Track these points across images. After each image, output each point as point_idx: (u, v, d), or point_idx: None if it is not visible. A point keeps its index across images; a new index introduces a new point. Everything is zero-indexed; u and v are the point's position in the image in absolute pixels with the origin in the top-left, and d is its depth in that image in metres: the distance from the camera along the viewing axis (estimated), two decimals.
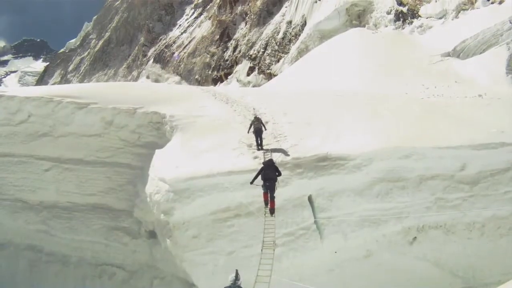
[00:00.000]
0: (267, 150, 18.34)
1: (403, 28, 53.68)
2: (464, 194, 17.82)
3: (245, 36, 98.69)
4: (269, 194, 15.14)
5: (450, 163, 18.09)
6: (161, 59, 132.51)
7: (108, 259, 24.06)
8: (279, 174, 15.37)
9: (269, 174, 15.03)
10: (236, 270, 9.36)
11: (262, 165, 15.59)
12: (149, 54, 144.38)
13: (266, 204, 15.36)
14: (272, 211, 15.12)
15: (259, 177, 15.22)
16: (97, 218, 24.13)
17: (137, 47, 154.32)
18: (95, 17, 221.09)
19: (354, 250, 16.77)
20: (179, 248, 16.13)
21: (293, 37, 78.37)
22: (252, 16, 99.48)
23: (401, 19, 55.05)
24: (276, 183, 15.20)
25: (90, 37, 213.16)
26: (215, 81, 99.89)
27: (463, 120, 21.77)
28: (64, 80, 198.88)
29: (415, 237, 17.44)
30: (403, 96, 29.48)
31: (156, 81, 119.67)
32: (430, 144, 18.41)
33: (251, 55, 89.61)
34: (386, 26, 56.20)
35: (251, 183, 15.27)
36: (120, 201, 23.74)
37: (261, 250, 13.32)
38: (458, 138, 18.74)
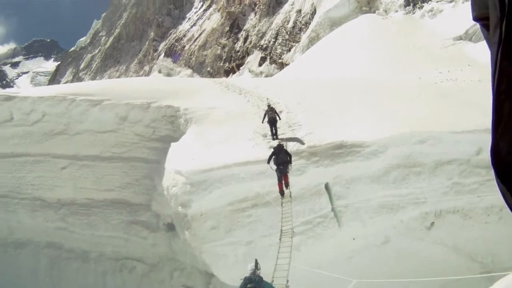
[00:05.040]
0: (282, 139, 18.37)
1: (414, 13, 53.14)
2: (481, 179, 17.67)
3: (255, 27, 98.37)
4: (283, 177, 15.42)
5: (466, 148, 17.94)
6: (172, 53, 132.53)
7: (128, 253, 24.26)
8: (291, 157, 15.58)
9: (282, 158, 15.28)
10: (256, 260, 9.37)
11: (273, 150, 15.73)
12: (159, 48, 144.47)
13: (281, 194, 15.50)
14: (286, 185, 15.46)
15: (273, 162, 15.42)
16: (115, 213, 24.30)
17: (147, 42, 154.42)
18: (103, 14, 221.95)
19: (372, 237, 16.79)
20: (198, 239, 16.26)
21: (303, 26, 77.94)
22: (261, 6, 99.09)
23: (411, 4, 54.49)
24: (289, 165, 15.41)
25: (100, 34, 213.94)
26: (227, 72, 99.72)
27: (478, 104, 21.51)
28: (76, 78, 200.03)
29: (433, 222, 17.38)
30: (417, 81, 29.26)
31: (168, 75, 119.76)
32: (446, 129, 18.28)
33: (262, 45, 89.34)
34: (396, 12, 55.68)
35: (268, 162, 15.46)
36: (137, 196, 23.89)
37: (280, 239, 13.37)
38: (473, 122, 18.56)
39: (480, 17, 1.42)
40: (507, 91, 1.29)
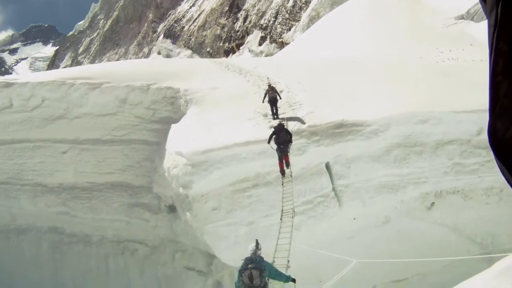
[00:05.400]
0: (282, 119, 18.34)
1: None
2: (481, 159, 17.60)
3: (254, 6, 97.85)
4: (283, 156, 15.49)
5: (467, 128, 17.84)
6: (172, 34, 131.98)
7: (129, 236, 24.40)
8: (291, 136, 15.63)
9: (282, 137, 15.31)
10: (256, 240, 9.37)
11: (273, 129, 15.72)
12: (158, 30, 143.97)
13: (282, 174, 15.52)
14: (287, 165, 15.54)
15: (273, 141, 15.45)
16: (116, 196, 24.38)
17: (146, 24, 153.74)
18: None
19: (373, 217, 16.80)
20: (199, 220, 16.31)
21: (303, 5, 77.63)
22: None
23: None
24: (289, 145, 15.46)
25: (98, 17, 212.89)
26: (227, 52, 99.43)
27: (479, 84, 21.19)
28: (75, 62, 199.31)
29: (433, 203, 17.37)
30: (418, 60, 29.09)
31: (168, 56, 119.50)
32: (447, 109, 18.19)
33: (262, 25, 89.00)
34: None
35: (268, 142, 15.50)
36: (138, 178, 23.95)
37: (280, 219, 13.39)
38: (475, 102, 18.43)
39: None
40: (504, 72, 1.29)
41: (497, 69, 1.29)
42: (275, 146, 15.42)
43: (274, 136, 15.42)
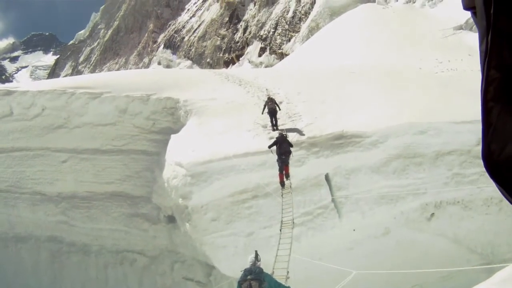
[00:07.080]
0: (282, 130, 18.38)
1: (414, 2, 53.02)
2: (481, 169, 17.50)
3: (254, 17, 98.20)
4: (284, 167, 15.57)
5: (466, 138, 17.85)
6: (172, 45, 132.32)
7: (128, 246, 24.33)
8: (292, 147, 15.78)
9: (284, 148, 15.43)
10: (256, 251, 9.34)
11: (276, 139, 15.85)
12: (159, 40, 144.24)
13: (282, 185, 15.52)
14: (287, 176, 15.60)
15: (275, 151, 15.57)
16: (116, 206, 24.34)
17: (146, 34, 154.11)
18: (102, 7, 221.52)
19: (372, 228, 16.77)
20: (199, 231, 16.26)
21: (303, 16, 77.92)
22: None
23: None
24: (290, 155, 15.56)
25: (99, 27, 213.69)
26: (227, 63, 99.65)
27: (478, 94, 21.22)
28: (76, 71, 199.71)
29: (433, 213, 17.34)
30: (417, 71, 29.18)
31: (168, 66, 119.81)
32: (446, 119, 18.23)
33: (261, 36, 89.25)
34: (397, 1, 55.59)
35: (269, 147, 15.70)
36: (138, 188, 23.91)
37: (280, 230, 13.38)
38: (474, 112, 18.43)
39: (471, 6, 1.43)
40: (494, 98, 1.32)
41: (488, 96, 1.32)
42: (275, 154, 15.50)
43: (276, 146, 15.50)
